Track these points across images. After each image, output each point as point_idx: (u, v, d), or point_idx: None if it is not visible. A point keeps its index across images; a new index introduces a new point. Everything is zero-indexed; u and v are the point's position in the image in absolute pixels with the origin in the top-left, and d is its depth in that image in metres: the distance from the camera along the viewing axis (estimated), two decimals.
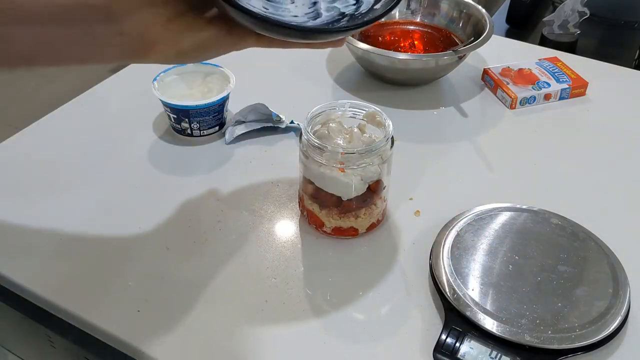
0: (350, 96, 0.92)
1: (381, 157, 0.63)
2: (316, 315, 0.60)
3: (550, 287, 0.58)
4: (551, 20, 1.30)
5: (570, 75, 0.94)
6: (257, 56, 1.03)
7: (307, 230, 0.69)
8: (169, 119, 0.82)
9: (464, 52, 0.89)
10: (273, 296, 0.61)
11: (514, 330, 0.55)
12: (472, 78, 0.97)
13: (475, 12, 0.97)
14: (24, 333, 0.73)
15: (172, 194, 0.74)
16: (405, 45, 0.98)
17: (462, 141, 0.84)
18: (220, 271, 0.64)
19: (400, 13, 1.04)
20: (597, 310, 0.56)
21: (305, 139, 0.62)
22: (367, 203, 0.65)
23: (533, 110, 0.91)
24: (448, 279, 0.59)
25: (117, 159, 0.80)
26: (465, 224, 0.65)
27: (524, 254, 0.62)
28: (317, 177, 0.63)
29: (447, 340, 0.55)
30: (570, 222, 0.66)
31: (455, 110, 0.91)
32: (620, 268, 0.61)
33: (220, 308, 0.60)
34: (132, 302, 0.61)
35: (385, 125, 0.64)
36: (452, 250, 0.62)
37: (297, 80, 0.97)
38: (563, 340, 0.54)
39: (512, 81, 0.92)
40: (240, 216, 0.71)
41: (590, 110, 0.91)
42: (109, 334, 0.58)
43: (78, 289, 0.62)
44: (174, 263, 0.65)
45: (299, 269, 0.65)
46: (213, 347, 0.57)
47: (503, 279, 0.59)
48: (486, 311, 0.56)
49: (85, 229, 0.69)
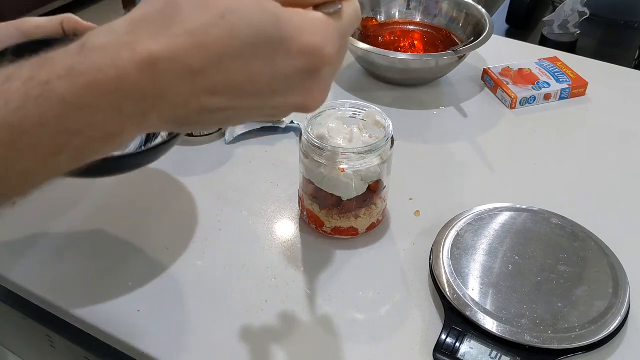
0: (350, 96, 0.92)
1: (381, 157, 0.63)
2: (316, 315, 0.60)
3: (550, 287, 0.58)
4: (551, 20, 1.30)
5: (570, 75, 0.94)
6: None
7: (307, 230, 0.69)
8: None
9: (464, 52, 0.89)
10: (273, 296, 0.61)
11: (514, 330, 0.55)
12: (472, 78, 0.97)
13: (475, 12, 0.97)
14: (24, 333, 0.73)
15: (172, 194, 0.74)
16: (405, 45, 0.98)
17: (462, 141, 0.84)
18: (220, 271, 0.64)
19: (400, 13, 1.04)
20: (597, 310, 0.56)
21: (305, 139, 0.62)
22: (367, 203, 0.65)
23: (533, 110, 0.91)
24: (448, 279, 0.59)
25: None
26: (465, 224, 0.65)
27: (524, 254, 0.62)
28: (317, 177, 0.63)
29: (447, 340, 0.55)
30: (570, 222, 0.66)
31: (455, 110, 0.91)
32: (620, 268, 0.61)
33: (220, 308, 0.60)
34: (132, 302, 0.61)
35: (385, 125, 0.64)
36: (452, 250, 0.62)
37: None
38: (563, 340, 0.54)
39: (512, 81, 0.92)
40: (240, 216, 0.71)
41: (590, 110, 0.91)
42: (109, 334, 0.58)
43: (78, 289, 0.62)
44: (174, 263, 0.65)
45: (299, 269, 0.65)
46: (213, 347, 0.57)
47: (503, 279, 0.59)
48: (486, 311, 0.56)
49: (86, 228, 0.69)
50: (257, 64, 0.33)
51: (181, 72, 0.32)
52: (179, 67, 0.31)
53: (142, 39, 0.31)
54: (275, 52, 0.33)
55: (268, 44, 0.33)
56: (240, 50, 0.32)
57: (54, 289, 0.62)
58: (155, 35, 0.31)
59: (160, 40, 0.31)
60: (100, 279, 0.63)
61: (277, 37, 0.33)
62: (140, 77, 0.31)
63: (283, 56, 0.34)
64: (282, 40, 0.33)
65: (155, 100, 0.32)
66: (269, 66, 0.34)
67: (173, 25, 0.32)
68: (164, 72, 0.31)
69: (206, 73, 0.32)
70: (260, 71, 0.34)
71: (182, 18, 0.32)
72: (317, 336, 0.58)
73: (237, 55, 0.32)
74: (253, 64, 0.33)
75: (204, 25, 0.31)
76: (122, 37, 0.31)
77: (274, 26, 0.33)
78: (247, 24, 0.32)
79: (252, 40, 0.32)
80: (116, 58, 0.31)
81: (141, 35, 0.31)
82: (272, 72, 0.34)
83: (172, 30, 0.31)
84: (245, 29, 0.32)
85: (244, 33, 0.32)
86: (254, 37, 0.32)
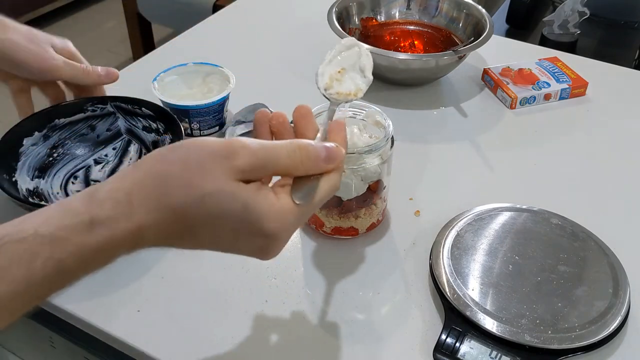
0: None
1: (381, 157, 0.63)
2: (316, 315, 0.60)
3: (550, 287, 0.58)
4: (551, 20, 1.30)
5: (570, 75, 0.94)
6: (257, 56, 1.03)
7: (307, 230, 0.69)
8: None
9: (464, 52, 0.89)
10: (273, 296, 0.61)
11: (514, 330, 0.55)
12: (472, 78, 0.97)
13: (475, 12, 0.97)
14: (25, 333, 0.73)
15: None
16: (405, 45, 0.98)
17: (462, 141, 0.84)
18: (220, 271, 0.64)
19: (400, 13, 1.04)
20: (597, 310, 0.56)
21: None
22: (367, 203, 0.65)
23: (533, 110, 0.91)
24: (448, 279, 0.59)
25: None
26: (465, 224, 0.65)
27: (524, 254, 0.62)
28: None
29: (447, 340, 0.55)
30: (570, 222, 0.66)
31: (455, 110, 0.91)
32: (620, 268, 0.61)
33: (220, 308, 0.60)
34: (132, 302, 0.61)
35: (385, 125, 0.64)
36: (452, 250, 0.62)
37: (297, 80, 0.97)
38: (563, 340, 0.54)
39: (512, 81, 0.92)
40: None
41: (590, 110, 0.91)
42: (109, 334, 0.58)
43: (78, 289, 0.62)
44: (174, 263, 0.65)
45: (299, 269, 0.65)
46: (213, 347, 0.57)
47: (503, 279, 0.59)
48: (486, 311, 0.56)
49: None
50: (223, 234, 0.42)
51: (161, 236, 0.41)
52: (160, 233, 0.41)
53: (137, 213, 0.39)
54: (239, 228, 0.41)
55: (234, 223, 0.41)
56: (210, 224, 0.41)
57: None
58: (147, 210, 0.40)
59: (150, 215, 0.40)
60: (100, 279, 0.63)
61: (244, 219, 0.41)
62: (130, 238, 0.40)
63: (245, 232, 0.41)
64: (246, 222, 0.41)
65: (139, 246, 0.41)
66: (232, 236, 0.42)
67: (162, 199, 0.40)
68: (148, 235, 0.40)
69: (180, 236, 0.41)
70: (224, 238, 0.42)
71: (170, 194, 0.40)
72: (317, 336, 0.58)
73: (208, 226, 0.41)
74: (219, 233, 0.41)
75: (185, 204, 0.40)
76: (122, 210, 0.39)
77: (241, 211, 0.40)
78: (220, 208, 0.40)
79: (222, 221, 0.41)
80: (116, 228, 0.39)
81: (137, 210, 0.39)
82: (234, 240, 0.42)
83: (160, 203, 0.40)
84: (217, 211, 0.40)
85: (215, 213, 0.40)
86: (223, 217, 0.40)
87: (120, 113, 0.77)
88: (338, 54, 0.57)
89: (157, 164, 0.41)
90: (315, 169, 0.44)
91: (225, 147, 0.41)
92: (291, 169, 0.43)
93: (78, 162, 0.75)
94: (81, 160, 0.76)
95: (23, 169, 0.70)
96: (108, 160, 0.76)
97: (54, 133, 0.74)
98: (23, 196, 0.67)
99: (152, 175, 0.40)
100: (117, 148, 0.77)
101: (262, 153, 0.42)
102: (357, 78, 0.56)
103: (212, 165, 0.40)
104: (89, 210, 0.39)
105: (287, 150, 0.43)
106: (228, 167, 0.40)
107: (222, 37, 1.08)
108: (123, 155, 0.77)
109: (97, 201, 0.39)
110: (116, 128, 0.78)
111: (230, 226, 0.41)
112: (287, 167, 0.43)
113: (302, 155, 0.43)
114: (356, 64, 0.57)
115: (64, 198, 0.44)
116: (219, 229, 0.41)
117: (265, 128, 0.47)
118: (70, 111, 0.75)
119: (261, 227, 0.41)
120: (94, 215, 0.39)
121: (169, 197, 0.40)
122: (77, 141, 0.76)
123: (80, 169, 0.75)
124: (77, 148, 0.76)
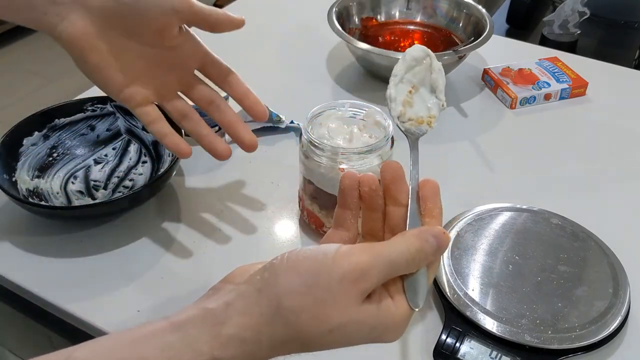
0: (350, 96, 0.92)
1: (381, 157, 0.63)
2: None
3: (550, 287, 0.58)
4: (551, 20, 1.30)
5: (570, 75, 0.94)
6: (256, 56, 1.03)
7: (307, 230, 0.69)
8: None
9: (464, 52, 0.89)
10: None
11: (514, 330, 0.55)
12: (472, 78, 0.97)
13: (475, 12, 0.97)
14: (24, 333, 0.73)
15: (172, 194, 0.74)
16: (405, 45, 0.98)
17: (462, 141, 0.84)
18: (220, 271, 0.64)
19: (400, 13, 1.04)
20: (597, 310, 0.56)
21: (305, 139, 0.62)
22: None
23: (533, 110, 0.91)
24: (448, 279, 0.59)
25: None
26: (465, 224, 0.65)
27: (524, 254, 0.62)
28: (317, 177, 0.63)
29: (447, 341, 0.55)
30: (570, 222, 0.66)
31: (455, 110, 0.91)
32: (620, 268, 0.61)
33: None
34: (132, 302, 0.61)
35: (385, 125, 0.64)
36: (452, 250, 0.62)
37: (297, 80, 0.97)
38: (563, 340, 0.54)
39: (512, 81, 0.92)
40: (240, 216, 0.71)
41: (590, 110, 0.91)
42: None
43: (78, 289, 0.62)
44: (174, 263, 0.65)
45: None
46: None
47: (503, 279, 0.59)
48: (486, 311, 0.56)
49: (86, 228, 0.69)
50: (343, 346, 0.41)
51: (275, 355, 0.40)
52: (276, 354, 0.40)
53: (264, 349, 0.39)
54: (361, 342, 0.41)
55: (358, 342, 0.40)
56: (334, 347, 0.40)
57: (54, 289, 0.62)
58: (272, 345, 0.39)
59: (274, 351, 0.39)
60: (101, 278, 0.63)
61: (369, 339, 0.40)
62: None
63: (366, 342, 0.41)
64: (370, 339, 0.41)
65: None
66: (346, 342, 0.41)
67: (290, 333, 0.38)
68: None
69: (297, 352, 0.40)
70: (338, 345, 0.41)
71: (300, 329, 0.38)
72: None
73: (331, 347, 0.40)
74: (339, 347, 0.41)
75: (311, 334, 0.38)
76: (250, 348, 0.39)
77: (368, 333, 0.40)
78: (348, 338, 0.39)
79: (346, 345, 0.40)
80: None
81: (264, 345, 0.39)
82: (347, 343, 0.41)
83: (287, 336, 0.39)
84: (344, 340, 0.39)
85: (342, 342, 0.39)
86: (349, 344, 0.40)
87: (120, 113, 0.77)
88: (409, 69, 0.48)
89: (288, 296, 0.38)
90: (425, 263, 0.42)
91: (354, 271, 0.38)
92: (407, 272, 0.41)
93: (78, 162, 0.75)
94: (81, 160, 0.76)
95: (23, 169, 0.70)
96: (108, 160, 0.76)
97: (54, 133, 0.74)
98: (23, 196, 0.67)
99: (284, 311, 0.38)
100: (117, 148, 0.77)
101: (387, 271, 0.40)
102: (427, 96, 0.48)
103: (341, 296, 0.38)
104: (212, 351, 0.38)
105: (406, 259, 0.40)
106: (356, 294, 0.38)
107: (222, 36, 1.08)
108: (123, 155, 0.77)
109: (224, 338, 0.38)
110: (116, 128, 0.78)
111: (353, 344, 0.41)
112: (405, 272, 0.41)
113: (420, 259, 0.40)
114: (426, 79, 0.48)
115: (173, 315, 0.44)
116: (341, 346, 0.41)
117: (354, 195, 0.44)
118: (70, 111, 0.75)
119: (382, 339, 0.41)
120: (216, 356, 0.38)
121: (298, 333, 0.38)
122: (76, 141, 0.76)
123: (80, 169, 0.75)
124: (76, 148, 0.76)
